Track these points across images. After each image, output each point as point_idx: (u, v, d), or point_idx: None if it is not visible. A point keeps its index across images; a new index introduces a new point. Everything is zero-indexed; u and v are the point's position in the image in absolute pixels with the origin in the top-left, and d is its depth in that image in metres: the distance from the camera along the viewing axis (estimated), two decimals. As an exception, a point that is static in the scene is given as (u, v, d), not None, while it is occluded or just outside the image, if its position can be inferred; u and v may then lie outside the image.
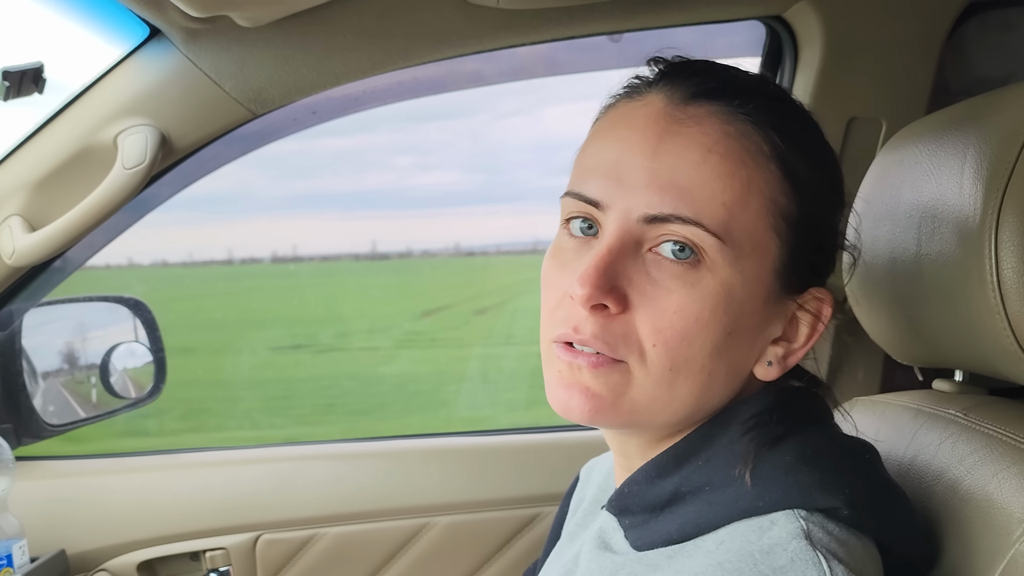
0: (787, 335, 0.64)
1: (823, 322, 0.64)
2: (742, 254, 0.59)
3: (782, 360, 0.64)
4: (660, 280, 0.59)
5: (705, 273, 0.59)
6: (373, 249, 22.22)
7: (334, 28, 1.09)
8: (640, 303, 0.59)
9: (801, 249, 0.62)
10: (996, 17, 1.21)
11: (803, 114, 0.65)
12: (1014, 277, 0.66)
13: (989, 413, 0.75)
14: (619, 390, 0.61)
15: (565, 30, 1.15)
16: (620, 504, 0.68)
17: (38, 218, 1.13)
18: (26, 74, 1.05)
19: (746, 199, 0.59)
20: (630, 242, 0.60)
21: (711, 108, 0.60)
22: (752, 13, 1.22)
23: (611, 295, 0.59)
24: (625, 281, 0.60)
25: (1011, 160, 0.66)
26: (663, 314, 0.59)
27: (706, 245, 0.58)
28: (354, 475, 1.34)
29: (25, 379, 1.35)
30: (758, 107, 0.60)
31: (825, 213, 0.64)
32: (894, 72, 1.19)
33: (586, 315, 0.60)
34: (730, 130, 0.59)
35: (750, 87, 0.62)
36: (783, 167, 0.60)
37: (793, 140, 0.61)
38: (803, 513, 0.58)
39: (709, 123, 0.59)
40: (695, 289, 0.59)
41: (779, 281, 0.62)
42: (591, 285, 0.58)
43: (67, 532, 1.26)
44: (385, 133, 31.35)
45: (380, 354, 10.20)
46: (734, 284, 0.59)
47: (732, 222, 0.58)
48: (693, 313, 0.59)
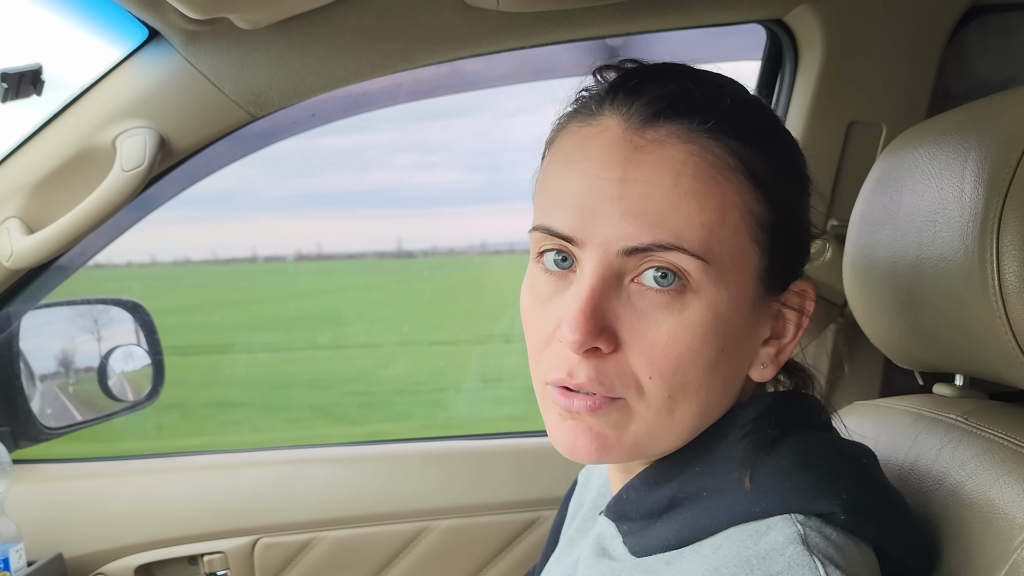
0: (775, 333, 0.64)
1: (807, 314, 0.64)
2: (724, 271, 0.58)
3: (775, 358, 0.64)
4: (647, 312, 0.58)
5: (691, 298, 0.58)
6: (399, 247, 22.15)
7: (333, 30, 1.09)
8: (630, 339, 0.58)
9: (780, 251, 0.62)
10: (996, 21, 1.21)
11: (760, 111, 0.64)
12: (1016, 281, 0.65)
13: (990, 418, 0.74)
14: (621, 425, 0.60)
15: (565, 33, 1.15)
16: (618, 510, 0.68)
17: (36, 220, 1.13)
18: (24, 76, 1.05)
19: (723, 216, 0.58)
20: (611, 278, 0.58)
21: (670, 129, 0.58)
22: (752, 16, 1.22)
23: (602, 337, 0.58)
24: (612, 318, 0.58)
25: (1012, 164, 0.66)
26: (655, 347, 0.58)
27: (690, 268, 0.57)
28: (353, 479, 1.33)
29: (23, 382, 1.34)
30: (716, 120, 0.59)
31: (795, 207, 0.63)
32: (894, 76, 1.19)
33: (579, 359, 0.59)
34: (693, 148, 0.58)
35: (705, 100, 0.60)
36: (751, 175, 0.59)
37: (754, 144, 0.60)
38: (800, 518, 0.58)
39: (671, 145, 0.58)
40: (683, 317, 0.58)
41: (762, 286, 0.62)
42: (581, 331, 0.57)
43: (64, 536, 1.26)
44: (387, 132, 31.32)
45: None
46: (720, 303, 0.58)
47: (712, 241, 0.57)
48: (685, 342, 0.58)
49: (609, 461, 0.63)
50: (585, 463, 0.62)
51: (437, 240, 21.05)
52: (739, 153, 0.59)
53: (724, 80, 0.64)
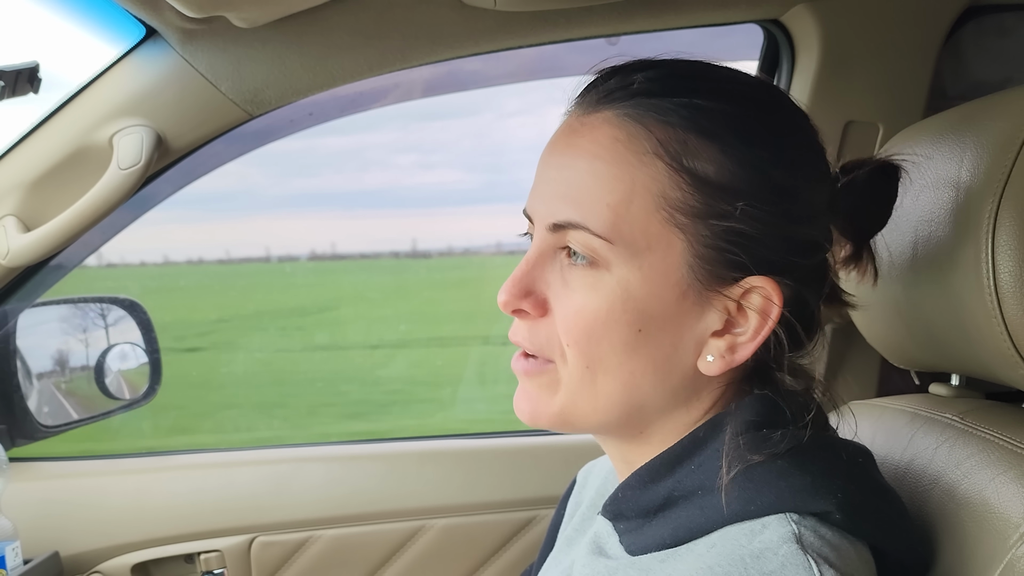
0: (731, 328, 0.62)
1: (770, 317, 0.61)
2: (637, 251, 0.60)
3: (727, 353, 0.62)
4: (570, 282, 0.63)
5: (603, 273, 0.61)
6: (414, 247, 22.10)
7: (330, 29, 1.09)
8: (556, 306, 0.64)
9: (716, 241, 0.60)
10: (993, 22, 1.21)
11: (717, 100, 0.62)
12: (1011, 281, 0.66)
13: (986, 417, 0.75)
14: (551, 390, 0.65)
15: (562, 32, 1.15)
16: (615, 509, 0.68)
17: (33, 218, 1.13)
18: (21, 74, 1.05)
19: (631, 198, 0.60)
20: (548, 250, 0.64)
21: (606, 115, 0.62)
22: (749, 16, 1.22)
23: (528, 300, 0.64)
24: (544, 286, 0.64)
25: (1008, 164, 0.66)
26: (569, 314, 0.63)
27: (596, 246, 0.61)
28: (350, 477, 1.33)
29: (20, 380, 1.34)
30: (645, 105, 0.61)
31: (753, 201, 0.60)
32: (891, 76, 1.19)
33: (518, 320, 0.66)
34: (618, 134, 0.61)
35: (644, 87, 0.62)
36: (674, 161, 0.60)
37: (691, 131, 0.60)
38: (795, 517, 0.58)
39: (601, 130, 0.62)
40: (594, 289, 0.62)
41: (695, 274, 0.61)
42: (507, 292, 0.64)
43: (61, 534, 1.26)
44: (388, 132, 31.30)
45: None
46: (632, 281, 0.61)
47: (619, 221, 0.60)
48: (592, 311, 0.61)
49: (539, 425, 0.67)
50: (524, 423, 0.67)
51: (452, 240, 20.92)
52: (663, 138, 0.60)
53: (697, 69, 0.64)
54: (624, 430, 0.66)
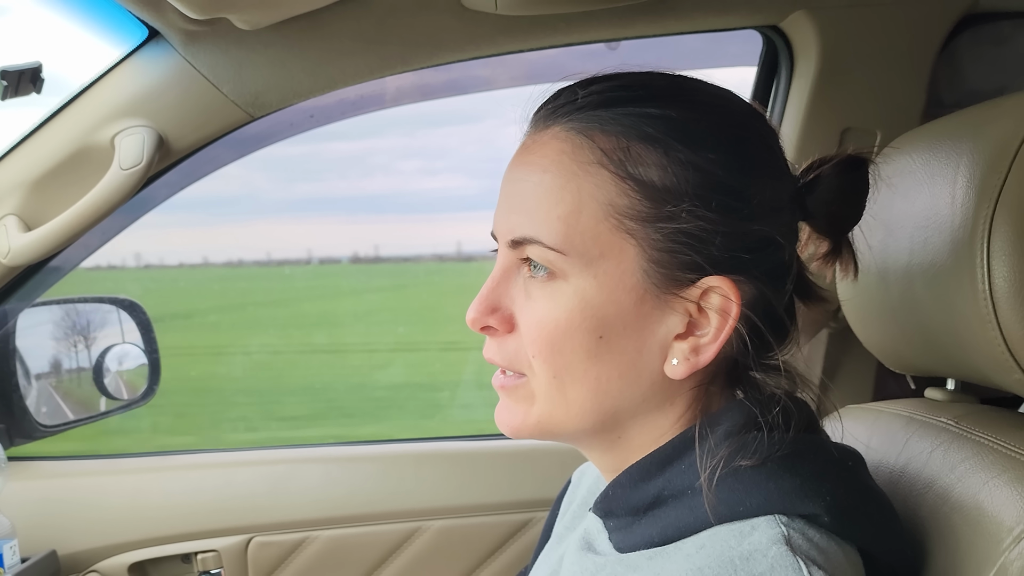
0: (694, 330, 0.63)
1: (730, 316, 0.62)
2: (591, 260, 0.62)
3: (691, 356, 0.63)
4: (531, 295, 0.64)
5: (561, 284, 0.63)
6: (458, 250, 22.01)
7: (332, 32, 1.09)
8: (521, 320, 0.65)
9: (667, 244, 0.61)
10: (989, 30, 1.22)
11: (666, 108, 0.63)
12: (1006, 286, 0.66)
13: (981, 421, 0.75)
14: (528, 403, 0.66)
15: (562, 37, 1.16)
16: (605, 506, 0.68)
17: (34, 218, 1.13)
18: (24, 74, 1.05)
19: (579, 208, 0.61)
20: (511, 267, 0.66)
21: (554, 131, 0.64)
22: (748, 23, 1.23)
23: (494, 316, 0.65)
24: (509, 301, 0.66)
25: (1003, 170, 0.67)
26: (531, 327, 0.64)
27: (551, 258, 0.62)
28: (347, 478, 1.34)
29: (19, 379, 1.35)
30: (589, 117, 0.63)
31: (700, 202, 0.61)
32: (888, 83, 1.20)
33: (487, 339, 0.67)
34: (564, 147, 0.63)
35: (587, 100, 0.64)
36: (619, 169, 0.61)
37: (634, 138, 0.61)
38: (784, 519, 0.58)
39: (549, 145, 0.64)
40: (552, 299, 0.63)
41: (650, 278, 0.61)
42: (473, 310, 0.66)
43: (58, 533, 1.26)
44: (392, 138, 31.30)
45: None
46: (588, 289, 0.62)
47: (570, 232, 0.61)
48: (552, 321, 0.63)
49: (523, 436, 0.68)
50: (507, 436, 0.68)
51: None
52: (607, 147, 0.61)
53: (644, 79, 0.65)
54: (602, 436, 0.67)
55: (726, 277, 0.61)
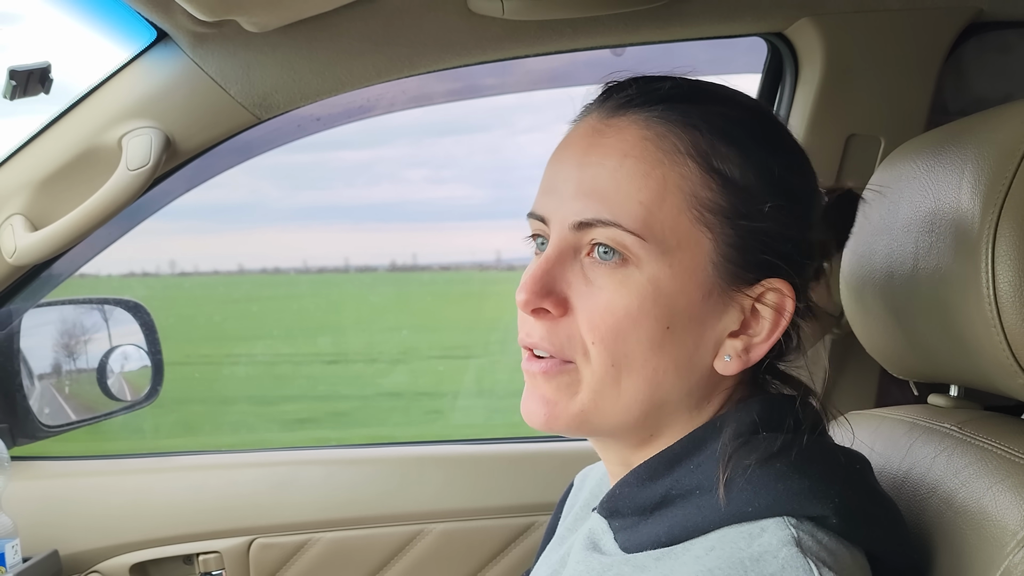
0: (747, 329, 0.64)
1: (785, 315, 0.64)
2: (668, 248, 0.61)
3: (743, 354, 0.64)
4: (595, 280, 0.63)
5: (632, 270, 0.62)
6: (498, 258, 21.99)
7: (340, 35, 1.10)
8: (579, 305, 0.63)
9: (741, 241, 0.62)
10: (994, 38, 1.22)
11: (736, 110, 0.66)
12: (1010, 292, 0.66)
13: (984, 427, 0.75)
14: (571, 391, 0.65)
15: (568, 42, 1.16)
16: (611, 506, 0.68)
17: (41, 217, 1.14)
18: (33, 74, 1.06)
19: (663, 195, 0.61)
20: (567, 250, 0.64)
21: (632, 117, 0.64)
22: (754, 30, 1.23)
23: (549, 299, 0.63)
24: (564, 285, 0.64)
25: (1008, 176, 0.67)
26: (595, 312, 0.62)
27: (627, 243, 0.61)
28: (350, 480, 1.34)
29: (22, 379, 1.35)
30: (674, 109, 0.63)
31: (770, 204, 0.63)
32: (893, 91, 1.20)
33: (534, 321, 0.65)
34: (647, 134, 0.63)
35: (670, 93, 0.64)
36: (704, 162, 0.62)
37: (717, 135, 0.62)
38: (793, 521, 0.59)
39: (628, 131, 0.63)
40: (623, 285, 0.62)
41: (719, 273, 0.63)
42: (527, 291, 0.63)
43: (60, 533, 1.26)
44: (400, 147, 31.37)
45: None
46: (661, 278, 0.62)
47: (651, 219, 0.61)
48: (622, 308, 0.62)
49: (556, 429, 0.66)
50: (535, 428, 0.66)
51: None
52: (693, 141, 0.62)
53: (704, 82, 0.67)
54: (638, 432, 0.67)
55: (785, 280, 0.64)
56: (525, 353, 0.67)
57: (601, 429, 0.67)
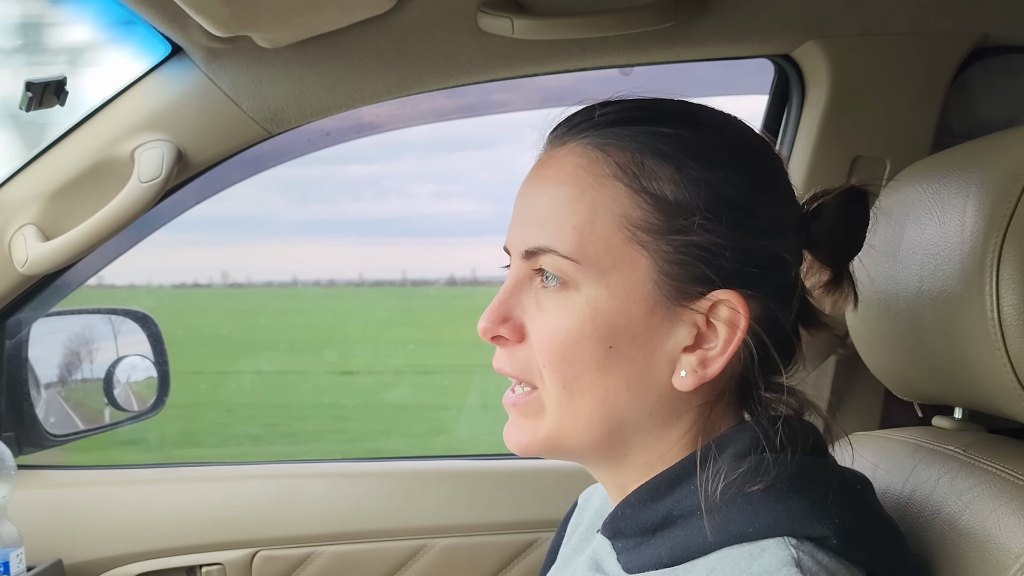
0: (701, 343, 0.64)
1: (738, 328, 0.63)
2: (603, 270, 0.63)
3: (699, 368, 0.64)
4: (543, 305, 0.66)
5: (572, 293, 0.64)
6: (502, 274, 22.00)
7: (351, 52, 1.11)
8: (532, 330, 0.66)
9: (679, 256, 0.63)
10: (1000, 63, 1.23)
11: (670, 126, 0.65)
12: (1015, 314, 0.67)
13: (988, 450, 0.75)
14: (538, 416, 0.67)
15: (577, 62, 1.17)
16: (614, 527, 0.68)
17: (52, 228, 1.15)
18: (49, 86, 1.07)
19: (593, 219, 0.63)
20: (523, 278, 0.67)
21: (571, 146, 0.66)
22: (761, 51, 1.24)
23: (504, 326, 0.67)
24: (520, 312, 0.67)
25: (1013, 200, 0.68)
26: (544, 336, 0.65)
27: (564, 267, 0.64)
28: (354, 494, 1.34)
29: (30, 388, 1.35)
30: (605, 134, 0.65)
31: (711, 217, 0.62)
32: (899, 113, 1.21)
33: (499, 348, 0.69)
34: (581, 161, 0.65)
35: (604, 119, 0.66)
36: (633, 182, 0.63)
37: (648, 154, 0.64)
38: (793, 541, 0.59)
39: (565, 160, 0.66)
40: (565, 309, 0.64)
41: (661, 290, 0.63)
42: (484, 320, 0.67)
43: (65, 542, 1.26)
44: (408, 161, 31.43)
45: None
46: (599, 299, 0.63)
47: (584, 242, 0.63)
48: (564, 330, 0.64)
49: (532, 453, 0.69)
50: (516, 453, 0.70)
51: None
52: (621, 162, 0.64)
53: (657, 103, 0.68)
54: (608, 452, 0.67)
55: (735, 291, 0.63)
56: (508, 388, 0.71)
57: (570, 450, 0.68)
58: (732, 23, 1.15)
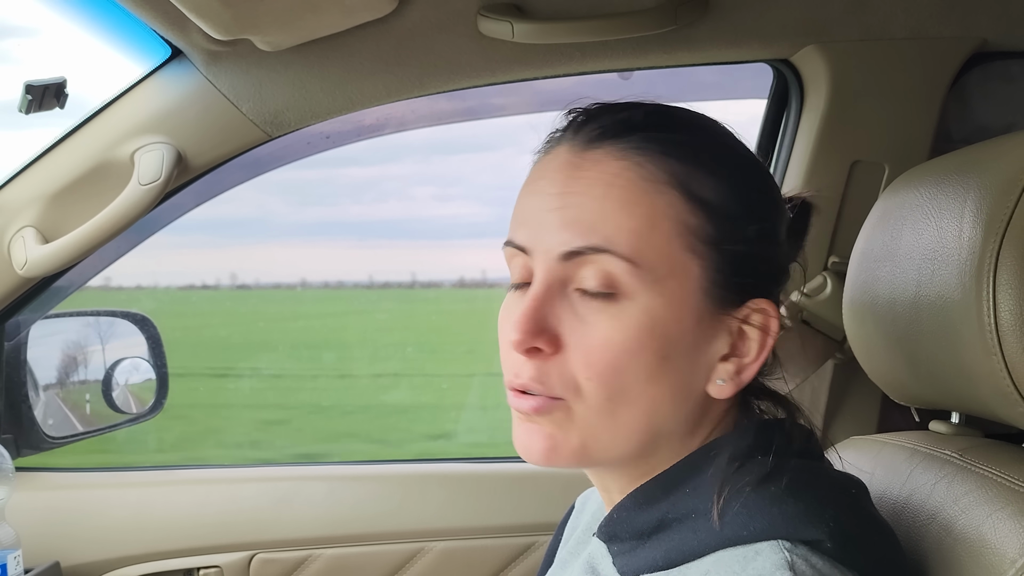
0: (736, 351, 0.65)
1: (771, 334, 0.64)
2: (659, 277, 0.61)
3: (735, 376, 0.65)
4: (586, 316, 0.62)
5: (626, 303, 0.61)
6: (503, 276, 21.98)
7: (351, 55, 1.11)
8: (571, 341, 0.62)
9: (727, 265, 0.63)
10: (999, 68, 1.23)
11: (707, 136, 0.67)
12: (1011, 319, 0.67)
13: (985, 455, 0.75)
14: (565, 427, 0.63)
15: (577, 65, 1.17)
16: (609, 531, 0.68)
17: (52, 230, 1.15)
18: (48, 88, 1.07)
19: (652, 223, 0.62)
20: (555, 283, 0.63)
21: (607, 149, 0.63)
22: (760, 56, 1.24)
23: (542, 337, 0.62)
24: (555, 321, 0.62)
25: (1010, 205, 0.68)
26: (591, 349, 0.61)
27: (619, 271, 0.61)
28: (351, 497, 1.34)
29: (28, 390, 1.35)
30: (648, 139, 0.63)
31: (748, 226, 0.64)
32: (898, 118, 1.21)
33: (524, 360, 0.63)
34: (626, 164, 0.63)
35: (641, 123, 0.64)
36: (685, 191, 0.62)
37: (693, 164, 0.63)
38: (787, 544, 0.59)
39: (607, 163, 0.63)
40: (618, 320, 0.61)
41: (709, 299, 0.63)
42: (521, 330, 0.62)
43: (63, 544, 1.26)
44: (408, 164, 31.36)
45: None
46: (656, 308, 0.61)
47: (642, 246, 0.61)
48: (618, 343, 0.61)
49: (557, 464, 0.65)
50: (537, 464, 0.65)
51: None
52: (672, 169, 0.63)
53: (675, 109, 0.68)
54: (636, 460, 0.66)
55: (768, 299, 0.65)
56: (510, 391, 0.66)
57: (601, 461, 0.66)
58: (731, 27, 1.15)
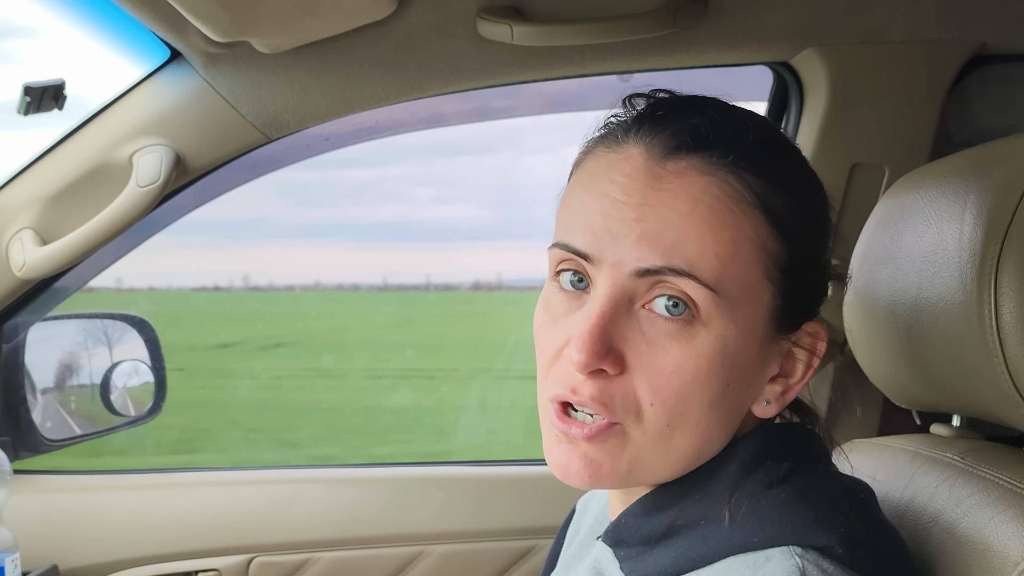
0: (784, 372, 0.64)
1: (818, 356, 0.64)
2: (734, 304, 0.59)
3: (780, 397, 0.64)
4: (655, 339, 0.59)
5: (700, 329, 0.58)
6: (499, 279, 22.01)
7: (350, 57, 1.11)
8: (636, 363, 0.59)
9: (793, 291, 0.62)
10: (998, 71, 1.23)
11: (785, 152, 0.65)
12: (1013, 322, 0.67)
13: (987, 457, 0.75)
14: (617, 452, 0.61)
15: (577, 68, 1.17)
16: (616, 536, 0.68)
17: (50, 232, 1.15)
18: (47, 90, 1.07)
19: (736, 248, 0.58)
20: (623, 299, 0.59)
21: (690, 161, 0.59)
22: (760, 58, 1.24)
23: (608, 359, 0.58)
24: (620, 341, 0.59)
25: (1011, 208, 0.68)
26: (660, 374, 0.59)
27: (700, 298, 0.58)
28: (351, 500, 1.33)
29: (26, 393, 1.35)
30: (737, 155, 0.59)
31: (813, 249, 0.64)
32: (897, 121, 1.21)
33: (584, 379, 0.59)
34: (712, 180, 0.59)
35: (727, 135, 0.60)
36: (767, 212, 0.59)
37: (775, 182, 0.60)
38: (798, 550, 0.58)
39: (689, 176, 0.59)
40: (690, 346, 0.58)
41: (772, 324, 0.62)
42: (588, 352, 0.58)
43: (61, 547, 1.26)
44: (408, 166, 31.35)
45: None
46: (728, 336, 0.59)
47: (724, 273, 0.58)
48: (690, 371, 0.58)
49: (601, 487, 0.64)
50: (577, 487, 0.63)
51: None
52: (757, 189, 0.59)
53: (751, 116, 0.64)
54: (677, 479, 0.65)
55: (819, 321, 0.64)
56: (555, 408, 0.61)
57: (643, 482, 0.65)
58: (731, 30, 1.15)
